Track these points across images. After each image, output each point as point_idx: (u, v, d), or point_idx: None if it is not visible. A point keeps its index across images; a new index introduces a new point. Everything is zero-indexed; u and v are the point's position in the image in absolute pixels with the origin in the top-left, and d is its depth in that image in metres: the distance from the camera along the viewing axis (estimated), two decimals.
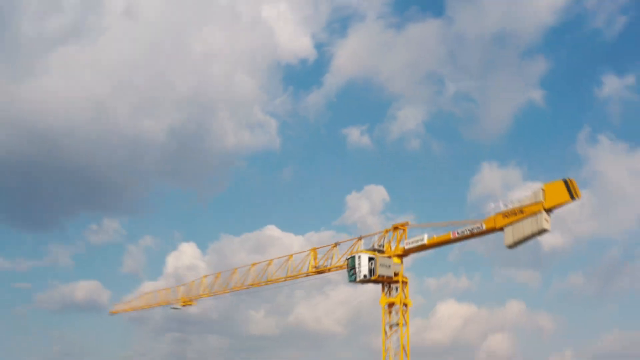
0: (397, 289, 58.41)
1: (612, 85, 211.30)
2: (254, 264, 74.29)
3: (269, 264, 72.06)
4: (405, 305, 57.57)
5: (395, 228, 59.42)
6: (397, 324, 56.89)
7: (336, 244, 63.82)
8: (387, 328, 57.36)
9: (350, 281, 58.03)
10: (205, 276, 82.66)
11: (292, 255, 68.97)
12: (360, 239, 61.25)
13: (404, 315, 57.25)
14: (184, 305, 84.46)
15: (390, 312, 57.92)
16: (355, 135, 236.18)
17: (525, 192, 52.04)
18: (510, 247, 52.61)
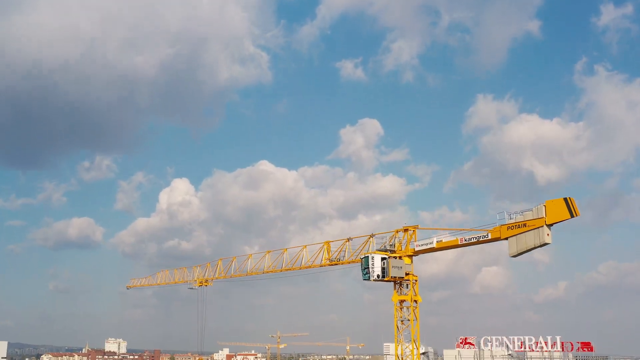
0: (407, 286, 63.97)
1: (610, 14, 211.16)
2: (268, 252, 79.69)
3: (283, 252, 77.55)
4: (416, 301, 63.27)
5: (406, 230, 64.35)
6: (409, 319, 62.86)
7: (349, 239, 69.01)
8: (399, 323, 63.28)
9: (365, 279, 63.54)
10: (221, 259, 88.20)
11: (306, 245, 74.24)
12: (372, 236, 66.30)
13: (414, 311, 63.07)
14: (199, 286, 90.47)
15: (401, 308, 63.72)
16: (349, 68, 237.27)
17: (521, 124, 55.99)
18: (514, 256, 57.89)
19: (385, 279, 62.87)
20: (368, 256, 63.89)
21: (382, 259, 63.46)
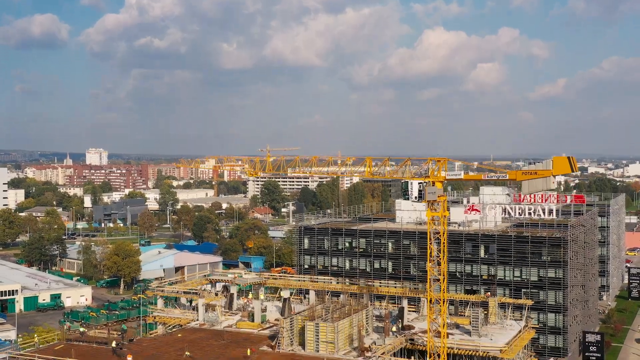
0: (439, 204, 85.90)
1: None
2: (315, 157, 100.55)
3: (330, 158, 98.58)
4: (445, 216, 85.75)
5: (438, 160, 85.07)
6: (439, 232, 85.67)
7: (388, 159, 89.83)
8: (432, 235, 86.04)
9: (405, 199, 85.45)
10: (270, 153, 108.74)
11: (349, 157, 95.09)
12: (409, 159, 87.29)
13: (443, 224, 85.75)
14: (250, 176, 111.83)
15: (433, 223, 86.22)
16: None
17: None
18: (526, 194, 79.14)
19: (422, 201, 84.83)
20: (408, 182, 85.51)
21: (419, 183, 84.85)
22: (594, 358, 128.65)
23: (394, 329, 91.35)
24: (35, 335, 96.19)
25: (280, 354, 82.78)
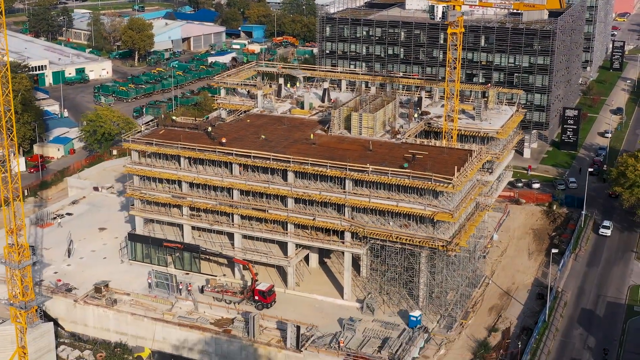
0: (457, 23, 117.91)
1: None
2: None
3: None
4: (462, 32, 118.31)
5: None
6: (456, 44, 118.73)
7: None
8: (451, 48, 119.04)
9: (431, 19, 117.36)
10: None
11: None
12: None
13: (460, 38, 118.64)
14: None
15: (452, 37, 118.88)
16: None
17: None
18: (524, 23, 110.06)
19: (445, 22, 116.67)
20: (433, 5, 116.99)
21: (442, 7, 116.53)
22: (571, 129, 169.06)
23: (415, 115, 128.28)
24: (142, 127, 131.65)
25: (332, 136, 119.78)
